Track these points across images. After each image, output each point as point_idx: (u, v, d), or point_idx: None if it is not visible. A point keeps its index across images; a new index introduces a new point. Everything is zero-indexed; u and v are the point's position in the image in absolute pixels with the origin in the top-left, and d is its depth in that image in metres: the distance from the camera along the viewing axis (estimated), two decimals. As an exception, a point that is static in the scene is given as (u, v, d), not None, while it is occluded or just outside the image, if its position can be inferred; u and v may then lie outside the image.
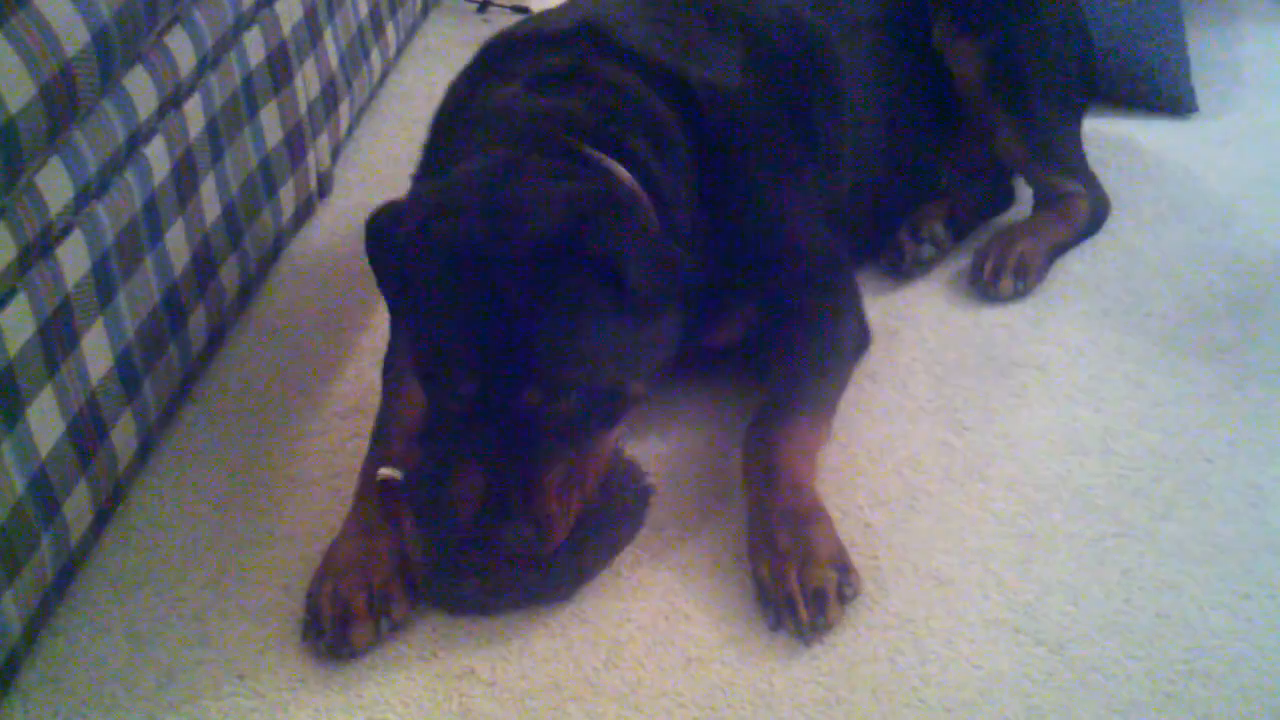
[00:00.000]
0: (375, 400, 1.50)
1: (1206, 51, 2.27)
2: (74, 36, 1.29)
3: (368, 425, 1.49)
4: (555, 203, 1.28)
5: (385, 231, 1.34)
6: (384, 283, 1.38)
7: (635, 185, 1.40)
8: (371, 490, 1.40)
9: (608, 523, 1.36)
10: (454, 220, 1.28)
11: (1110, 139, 2.03)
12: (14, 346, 1.24)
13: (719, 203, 1.49)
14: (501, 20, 2.35)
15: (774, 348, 1.53)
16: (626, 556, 1.39)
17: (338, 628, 1.30)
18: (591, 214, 1.27)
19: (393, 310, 1.43)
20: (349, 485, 1.44)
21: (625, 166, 1.39)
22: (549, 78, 1.48)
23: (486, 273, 1.25)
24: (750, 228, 1.52)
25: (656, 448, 1.52)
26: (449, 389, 1.28)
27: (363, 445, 1.47)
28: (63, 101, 1.28)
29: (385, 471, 1.39)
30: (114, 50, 1.36)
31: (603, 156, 1.39)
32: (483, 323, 1.24)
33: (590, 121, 1.42)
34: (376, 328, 1.71)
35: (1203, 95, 2.16)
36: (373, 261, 1.37)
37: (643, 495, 1.40)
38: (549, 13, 1.67)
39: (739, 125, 1.52)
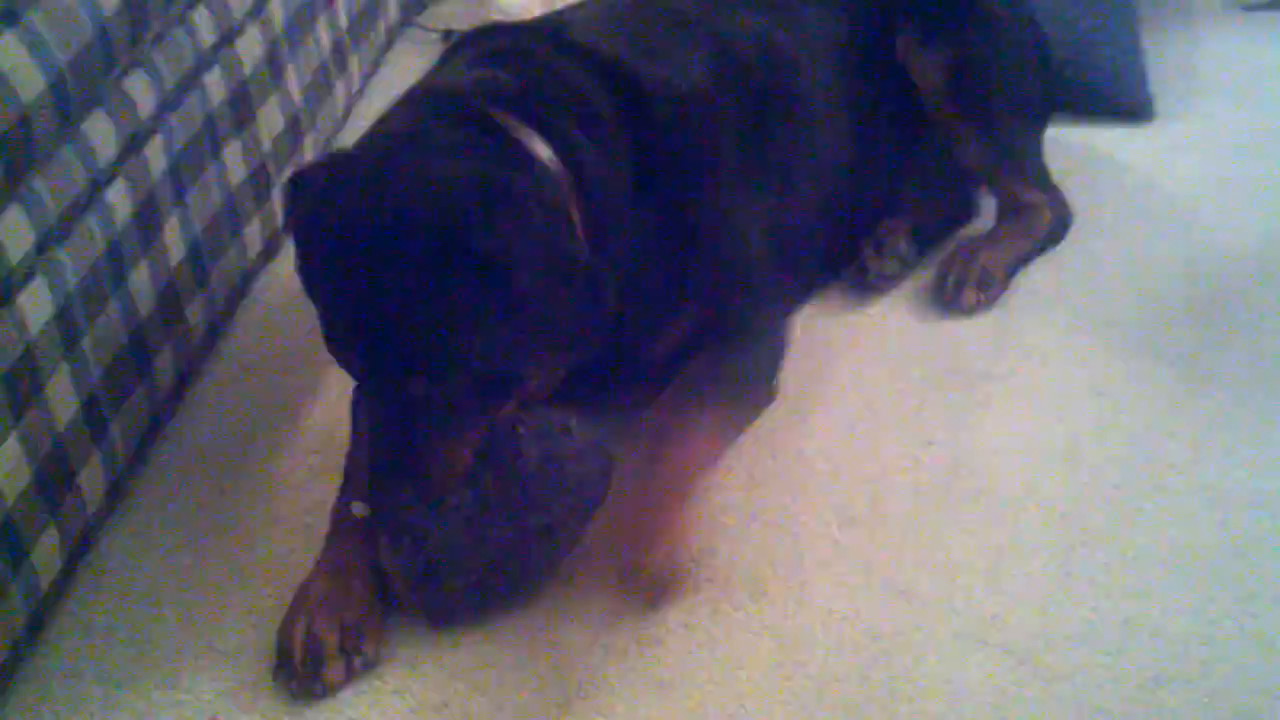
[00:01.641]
0: (346, 435, 1.50)
1: (1163, 57, 2.29)
2: (29, 84, 1.30)
3: (339, 460, 1.49)
4: (442, 189, 1.25)
5: (297, 197, 1.34)
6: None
7: (554, 161, 1.35)
8: (343, 527, 1.40)
9: (573, 499, 1.37)
10: (344, 196, 1.27)
11: (1070, 147, 2.04)
12: (-23, 396, 1.25)
13: (658, 204, 1.46)
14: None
15: (699, 351, 1.51)
16: (596, 583, 1.40)
17: (310, 667, 1.30)
18: (479, 205, 1.23)
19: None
20: (321, 522, 1.44)
21: (546, 139, 1.36)
22: (488, 57, 1.48)
23: (369, 257, 1.23)
24: (690, 231, 1.49)
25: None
26: (344, 364, 1.31)
27: (334, 481, 1.47)
28: (20, 149, 1.29)
29: (358, 507, 1.38)
30: (71, 96, 1.37)
31: (520, 126, 1.35)
32: (366, 308, 1.24)
33: (514, 92, 1.39)
34: (346, 361, 1.71)
35: (1160, 101, 2.18)
36: (290, 227, 1.38)
37: (605, 467, 1.40)
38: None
39: (689, 126, 1.50)
